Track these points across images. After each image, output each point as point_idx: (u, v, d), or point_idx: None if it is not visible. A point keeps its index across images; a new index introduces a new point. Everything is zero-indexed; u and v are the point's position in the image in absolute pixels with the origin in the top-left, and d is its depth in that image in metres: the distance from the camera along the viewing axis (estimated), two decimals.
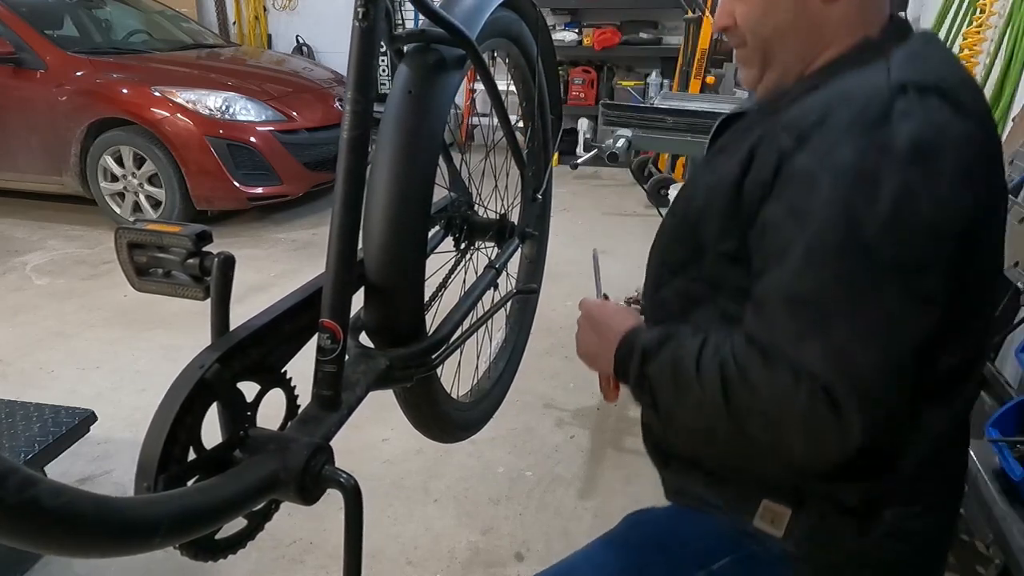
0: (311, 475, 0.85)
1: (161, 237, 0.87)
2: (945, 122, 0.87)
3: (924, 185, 0.85)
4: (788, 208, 0.91)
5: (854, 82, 0.94)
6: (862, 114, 0.89)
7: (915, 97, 0.88)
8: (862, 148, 0.87)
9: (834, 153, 0.88)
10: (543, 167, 1.70)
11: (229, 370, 0.84)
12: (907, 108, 0.88)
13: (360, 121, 0.92)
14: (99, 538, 0.62)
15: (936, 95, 0.89)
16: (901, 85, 0.89)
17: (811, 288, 0.88)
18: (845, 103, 0.91)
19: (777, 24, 1.04)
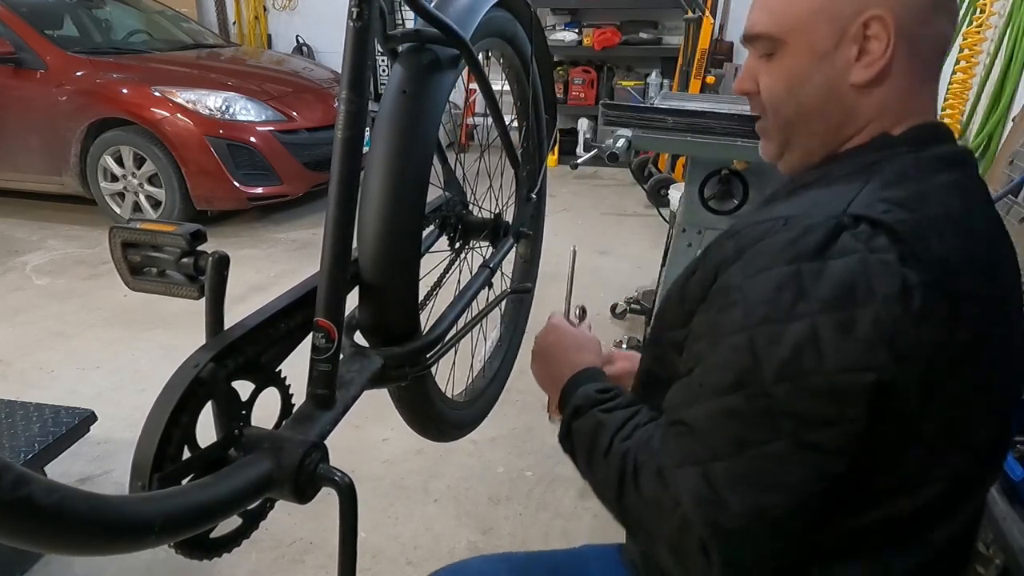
0: (306, 474, 0.85)
1: (155, 236, 0.87)
2: (883, 269, 0.78)
3: (833, 337, 0.78)
4: (707, 323, 0.88)
5: (819, 199, 0.88)
6: (801, 240, 0.81)
7: (864, 233, 0.80)
8: (782, 279, 0.80)
9: (756, 278, 0.83)
10: (538, 167, 1.70)
11: (224, 369, 0.84)
12: (849, 245, 0.79)
13: (354, 121, 0.92)
14: (93, 536, 0.62)
15: (887, 236, 0.80)
16: (855, 217, 0.81)
17: (699, 417, 0.84)
18: (792, 222, 0.84)
19: (802, 105, 0.96)
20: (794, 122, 0.98)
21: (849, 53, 0.90)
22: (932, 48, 0.92)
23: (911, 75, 0.91)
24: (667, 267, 3.04)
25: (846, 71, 0.91)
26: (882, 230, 0.80)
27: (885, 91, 0.91)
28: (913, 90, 0.92)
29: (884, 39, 0.88)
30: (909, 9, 0.88)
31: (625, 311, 3.79)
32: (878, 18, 0.88)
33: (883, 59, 0.89)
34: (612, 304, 3.86)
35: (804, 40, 0.93)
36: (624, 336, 3.45)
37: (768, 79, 0.98)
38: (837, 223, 0.81)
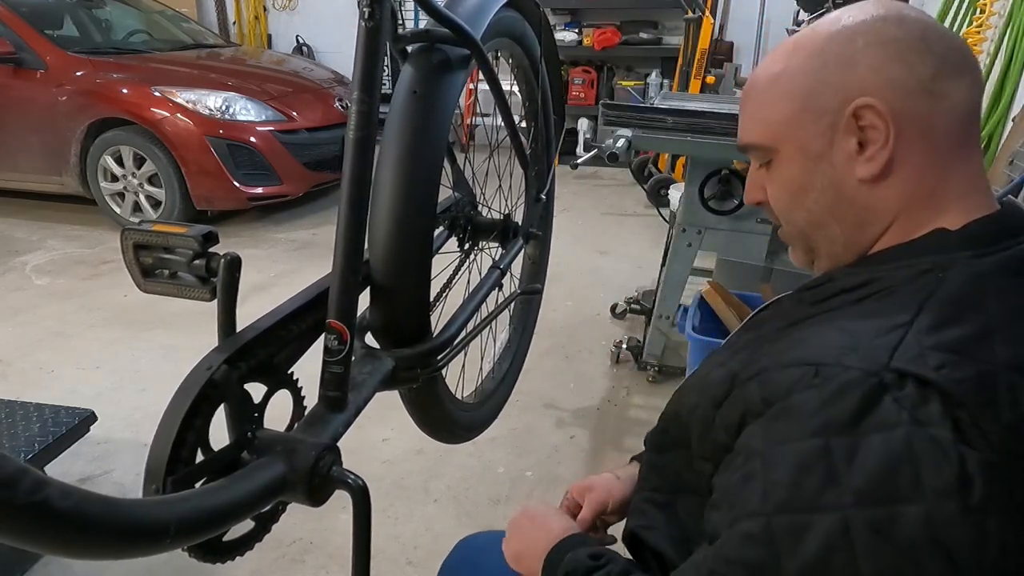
0: (319, 476, 0.85)
1: (167, 238, 0.87)
2: (933, 451, 0.63)
3: (868, 539, 0.64)
4: (726, 490, 0.76)
5: (860, 331, 0.73)
6: (832, 405, 0.68)
7: (910, 399, 0.65)
8: (809, 457, 0.67)
9: (778, 449, 0.70)
10: (546, 167, 1.70)
11: (236, 371, 0.84)
12: (891, 414, 0.65)
13: (366, 121, 0.92)
14: (109, 540, 0.62)
15: (941, 402, 0.65)
16: (901, 373, 0.66)
17: None
18: (825, 373, 0.70)
19: (811, 212, 0.86)
20: (810, 231, 0.88)
21: (847, 148, 0.81)
22: (950, 120, 0.79)
23: (930, 154, 0.79)
24: (667, 267, 3.04)
25: (849, 168, 0.81)
26: (935, 393, 0.65)
27: (902, 181, 0.80)
28: (938, 170, 0.79)
29: (882, 126, 0.78)
30: (902, 88, 0.78)
31: (625, 311, 3.79)
32: (868, 106, 0.78)
33: (887, 148, 0.79)
34: (612, 304, 3.86)
35: (795, 144, 0.84)
36: (624, 336, 3.45)
37: (772, 189, 0.90)
38: (879, 382, 0.67)
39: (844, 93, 0.79)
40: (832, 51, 0.81)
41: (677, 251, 2.93)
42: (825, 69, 0.81)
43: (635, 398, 3.13)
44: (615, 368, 3.37)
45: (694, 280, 3.19)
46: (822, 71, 0.81)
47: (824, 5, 4.33)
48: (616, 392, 3.17)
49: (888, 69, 0.78)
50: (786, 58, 0.85)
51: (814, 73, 0.81)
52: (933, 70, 0.77)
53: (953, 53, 0.78)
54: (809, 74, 0.82)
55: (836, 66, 0.80)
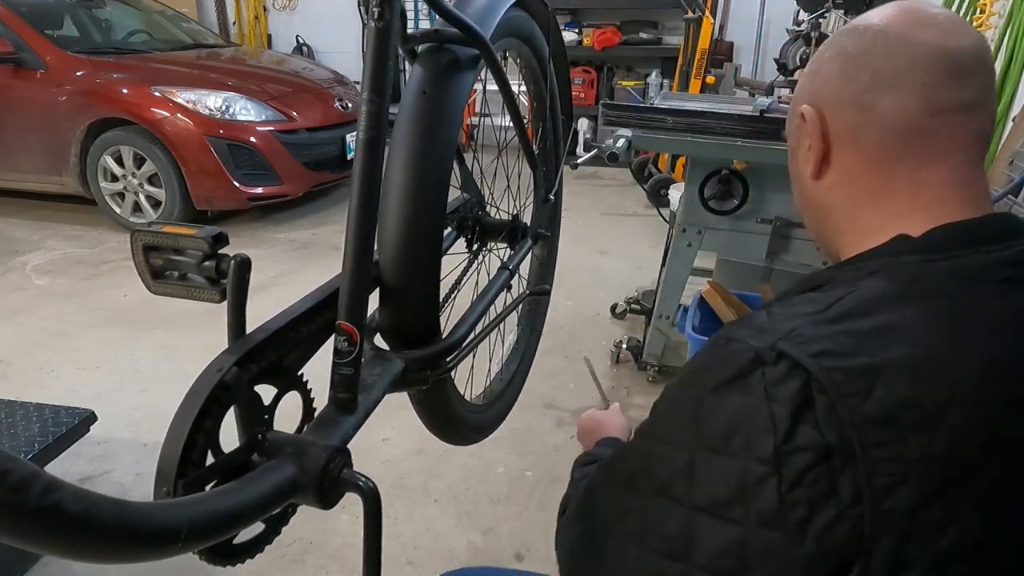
0: (330, 478, 0.84)
1: (177, 240, 0.86)
2: (766, 421, 0.69)
3: (703, 475, 0.72)
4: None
5: (785, 312, 0.77)
6: (716, 368, 0.75)
7: (778, 375, 0.70)
8: (685, 403, 0.77)
9: (672, 391, 0.82)
10: (555, 168, 1.69)
11: (247, 373, 0.83)
12: (752, 386, 0.71)
13: (376, 122, 0.91)
14: (120, 544, 0.61)
15: (800, 383, 0.69)
16: (779, 353, 0.71)
17: (576, 483, 0.96)
18: (730, 346, 0.76)
19: (797, 204, 0.97)
20: (801, 215, 0.99)
21: (803, 147, 0.89)
22: (880, 131, 0.82)
23: (866, 163, 0.84)
24: (667, 267, 3.04)
25: (803, 165, 0.90)
26: (800, 375, 0.69)
27: (839, 182, 0.87)
28: (879, 180, 0.83)
29: (815, 129, 0.86)
30: (837, 99, 0.85)
31: (625, 311, 3.79)
32: (803, 111, 0.87)
33: (816, 148, 0.86)
34: (612, 304, 3.86)
35: (789, 138, 0.96)
36: (624, 336, 3.45)
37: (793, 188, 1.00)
38: (757, 358, 0.72)
39: (799, 99, 0.90)
40: (814, 59, 0.91)
41: (677, 251, 2.93)
42: (807, 72, 0.91)
43: (635, 398, 3.13)
44: (615, 368, 3.37)
45: (694, 280, 3.19)
46: (803, 77, 0.92)
47: (824, 5, 4.33)
48: (616, 392, 3.17)
49: (833, 80, 0.85)
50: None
51: (805, 74, 0.92)
52: (865, 84, 0.82)
53: (889, 68, 0.80)
54: (803, 76, 0.93)
55: (808, 74, 0.91)
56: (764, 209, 2.73)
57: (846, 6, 4.22)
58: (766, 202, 2.73)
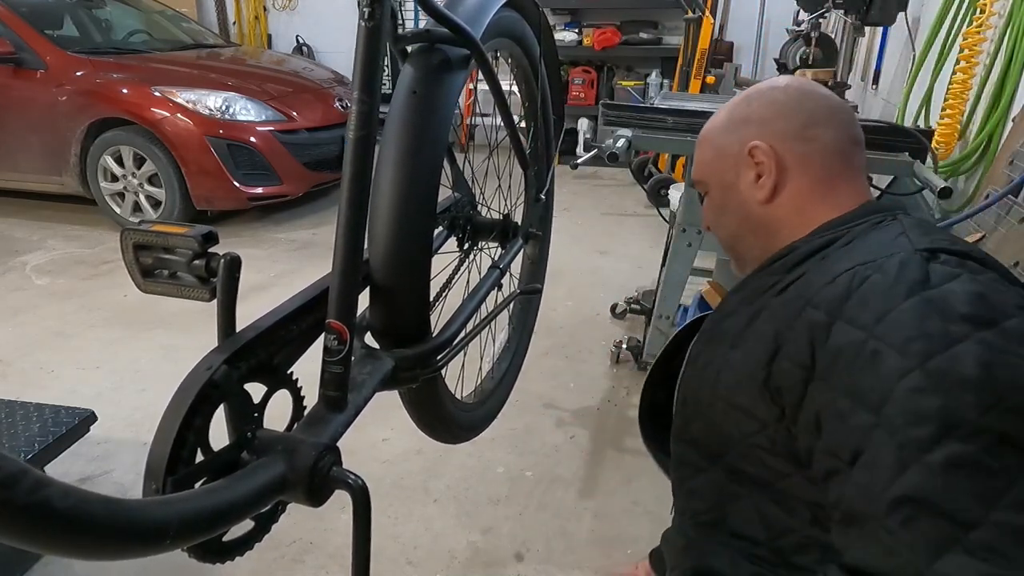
0: (319, 476, 0.84)
1: (167, 238, 0.87)
2: (996, 285, 0.81)
3: (1006, 347, 0.74)
4: (848, 392, 0.80)
5: (871, 245, 0.92)
6: (901, 276, 0.82)
7: (953, 260, 0.84)
8: (917, 312, 0.78)
9: (885, 320, 0.79)
10: (546, 167, 1.70)
11: (236, 371, 0.84)
12: (947, 271, 0.82)
13: (366, 121, 0.91)
14: (109, 540, 0.62)
15: (974, 261, 0.84)
16: (929, 250, 0.85)
17: (921, 485, 0.71)
18: (873, 266, 0.86)
19: (730, 228, 1.16)
20: (732, 241, 1.18)
21: (748, 178, 1.10)
22: (824, 155, 1.07)
23: (810, 179, 1.07)
24: (667, 267, 3.04)
25: (751, 193, 1.10)
26: (965, 257, 0.85)
27: (790, 198, 1.07)
28: (820, 191, 1.06)
29: (766, 161, 1.07)
30: (782, 135, 1.07)
31: (625, 311, 3.79)
32: (756, 146, 1.07)
33: (772, 176, 1.07)
34: (612, 304, 3.86)
35: (716, 178, 1.16)
36: (624, 336, 3.45)
37: (708, 214, 1.21)
38: (920, 256, 0.85)
39: (742, 137, 1.10)
40: (735, 112, 1.14)
41: (677, 251, 2.93)
42: (731, 123, 1.13)
43: (635, 398, 3.11)
44: (615, 368, 3.37)
45: (694, 280, 3.19)
46: (728, 124, 1.14)
47: (824, 5, 4.33)
48: (616, 392, 3.17)
49: (772, 122, 1.08)
50: (709, 126, 1.19)
51: (723, 127, 1.15)
52: (804, 122, 1.07)
53: (821, 110, 1.08)
54: (720, 129, 1.15)
55: (737, 121, 1.12)
56: None
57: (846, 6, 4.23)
58: None
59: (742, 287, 1.13)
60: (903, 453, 0.73)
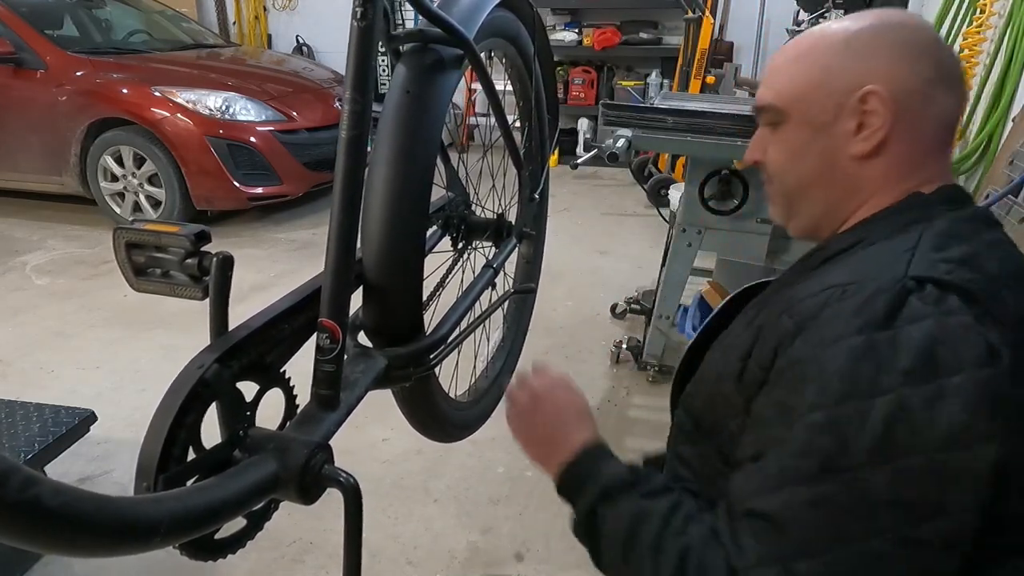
0: (311, 474, 0.85)
1: (159, 237, 0.87)
2: (963, 332, 0.74)
3: (924, 411, 0.72)
4: (776, 403, 0.83)
5: (871, 261, 0.86)
6: (867, 307, 0.78)
7: (932, 296, 0.77)
8: (857, 351, 0.76)
9: (827, 351, 0.78)
10: (540, 167, 1.70)
11: (228, 370, 0.84)
12: (919, 309, 0.76)
13: (358, 121, 0.92)
14: (99, 537, 0.62)
15: (958, 296, 0.76)
16: (919, 279, 0.78)
17: (780, 508, 0.77)
18: (852, 289, 0.81)
19: (802, 175, 0.99)
20: (795, 191, 1.01)
21: (847, 126, 0.93)
22: (936, 121, 0.93)
23: (914, 146, 0.93)
24: (667, 267, 3.04)
25: (845, 143, 0.94)
26: (952, 291, 0.77)
27: (887, 162, 0.93)
28: (917, 161, 0.93)
29: (882, 112, 0.90)
30: (906, 84, 0.90)
31: (625, 311, 3.79)
32: (874, 93, 0.90)
33: (881, 131, 0.91)
34: (612, 304, 3.86)
35: (804, 113, 0.96)
36: (624, 336, 3.45)
37: (772, 149, 1.02)
38: (902, 287, 0.78)
39: (857, 79, 0.91)
40: (858, 41, 0.93)
41: (677, 251, 2.93)
42: (847, 54, 0.93)
43: (635, 398, 3.13)
44: (615, 368, 3.37)
45: (694, 280, 3.19)
46: (844, 56, 0.93)
47: (824, 5, 4.33)
48: (616, 392, 3.17)
49: (899, 67, 0.90)
50: (817, 39, 0.97)
51: (836, 56, 0.93)
52: (932, 77, 0.91)
53: (952, 69, 0.93)
54: (832, 55, 0.94)
55: (857, 54, 0.92)
56: (764, 209, 2.73)
57: (846, 6, 4.23)
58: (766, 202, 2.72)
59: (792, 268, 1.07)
60: (783, 476, 0.78)
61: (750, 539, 0.78)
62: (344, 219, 0.93)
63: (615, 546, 0.92)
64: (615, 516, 0.93)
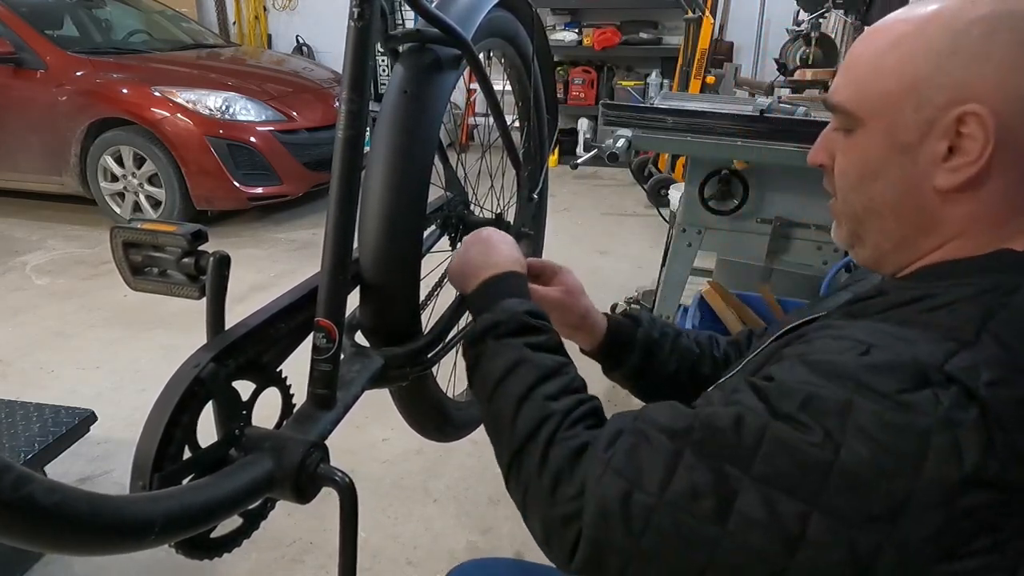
0: (306, 473, 0.85)
1: (156, 236, 0.87)
2: (949, 447, 0.62)
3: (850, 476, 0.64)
4: (733, 386, 0.77)
5: (913, 336, 0.69)
6: (876, 374, 0.66)
7: (952, 397, 0.63)
8: (831, 398, 0.67)
9: (804, 380, 0.70)
10: (539, 167, 1.70)
11: (224, 369, 0.84)
12: (927, 402, 0.63)
13: (355, 120, 0.92)
14: (94, 536, 0.62)
15: (980, 414, 0.62)
16: (949, 377, 0.64)
17: (664, 449, 0.73)
18: (875, 352, 0.68)
19: (873, 200, 0.81)
20: (864, 217, 0.83)
21: (936, 150, 0.74)
22: None
23: (1013, 188, 0.74)
24: (667, 267, 3.04)
25: (930, 171, 0.75)
26: (977, 405, 0.63)
27: (977, 201, 0.75)
28: (1018, 206, 0.75)
29: (981, 140, 0.71)
30: (1020, 106, 0.71)
31: (625, 311, 3.78)
32: (975, 115, 0.71)
33: (976, 164, 0.72)
34: (612, 304, 3.86)
35: (885, 125, 0.77)
36: None
37: (842, 159, 0.84)
38: (925, 375, 0.65)
39: (959, 92, 0.72)
40: (969, 37, 0.72)
41: (677, 251, 2.93)
42: (953, 57, 0.73)
43: (635, 398, 3.12)
44: None
45: (694, 280, 3.19)
46: (948, 58, 0.73)
47: (824, 5, 4.33)
48: (616, 392, 3.15)
49: (1018, 79, 0.71)
50: (917, 26, 0.76)
51: (939, 56, 0.73)
52: None
53: None
54: (934, 55, 0.74)
55: (966, 57, 0.72)
56: (764, 209, 2.73)
57: (846, 6, 4.23)
58: (766, 202, 2.73)
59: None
60: (686, 432, 0.73)
61: (621, 450, 0.76)
62: (341, 218, 0.93)
63: (487, 379, 0.93)
64: (496, 352, 0.93)
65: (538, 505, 0.81)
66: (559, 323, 1.12)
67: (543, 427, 0.83)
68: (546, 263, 1.24)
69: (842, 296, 0.96)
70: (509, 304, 0.97)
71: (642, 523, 0.71)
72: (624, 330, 1.24)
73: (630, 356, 1.23)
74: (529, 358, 0.90)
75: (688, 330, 1.26)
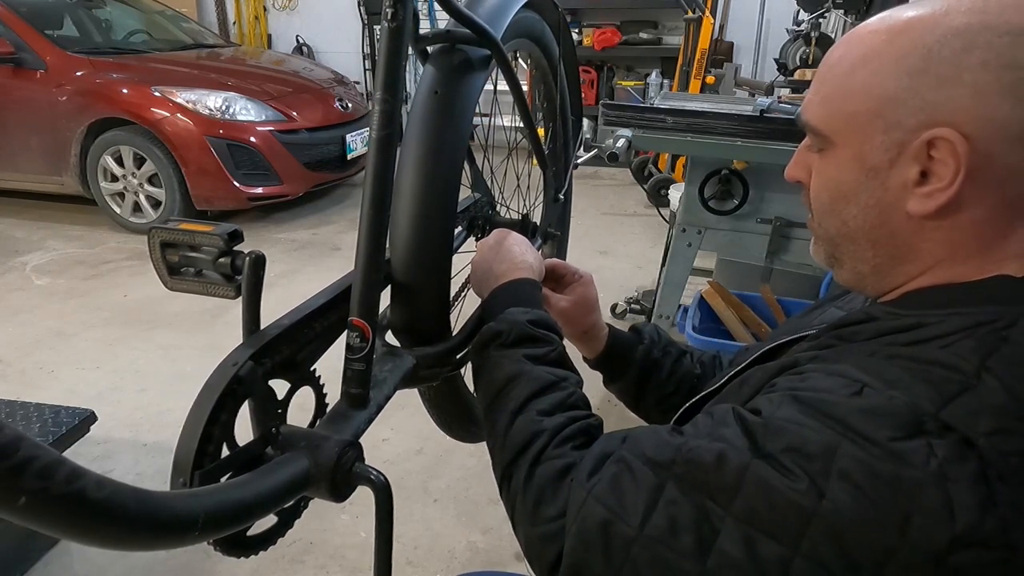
0: (342, 472, 0.85)
1: (193, 236, 0.87)
2: (940, 506, 0.58)
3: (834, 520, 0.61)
4: (721, 417, 0.74)
5: (909, 374, 0.65)
6: (863, 416, 0.63)
7: (947, 448, 0.59)
8: (818, 439, 0.64)
9: (792, 420, 0.66)
10: (564, 167, 1.70)
11: (261, 368, 0.84)
12: (919, 455, 0.60)
13: (389, 120, 0.92)
14: (140, 531, 0.62)
15: (978, 466, 0.58)
16: (945, 425, 0.60)
17: (646, 483, 0.71)
18: (869, 394, 0.65)
19: (847, 224, 0.77)
20: (839, 241, 0.80)
21: (907, 174, 0.71)
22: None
23: (999, 212, 0.69)
24: (667, 267, 3.05)
25: (902, 196, 0.72)
26: (975, 456, 0.59)
27: (956, 229, 0.71)
28: (1002, 230, 0.70)
29: (952, 166, 0.67)
30: (1000, 130, 0.66)
31: (625, 311, 3.80)
32: (945, 140, 0.67)
33: (948, 191, 0.68)
34: (612, 304, 3.87)
35: (854, 147, 0.74)
36: None
37: (816, 179, 0.81)
38: (919, 423, 0.61)
39: (929, 114, 0.68)
40: (941, 55, 0.68)
41: (677, 251, 2.94)
42: (924, 76, 0.68)
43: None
44: None
45: (694, 280, 3.20)
46: (918, 77, 0.69)
47: (824, 5, 4.35)
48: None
49: (993, 102, 0.66)
50: (891, 37, 0.71)
51: (910, 76, 0.69)
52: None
53: None
54: (904, 75, 0.69)
55: (937, 77, 0.68)
56: (764, 209, 2.75)
57: (846, 6, 4.25)
58: (766, 202, 2.74)
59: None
60: (670, 465, 0.71)
61: (607, 477, 0.74)
62: (374, 218, 0.93)
63: (487, 388, 0.94)
64: (496, 362, 0.94)
65: (522, 521, 0.82)
66: (564, 331, 1.12)
67: (533, 444, 0.84)
68: (568, 268, 1.24)
69: (832, 313, 0.94)
70: (513, 314, 0.98)
71: (622, 554, 0.70)
72: (624, 347, 1.23)
73: (627, 373, 1.22)
74: (526, 371, 0.91)
75: (695, 350, 1.25)
